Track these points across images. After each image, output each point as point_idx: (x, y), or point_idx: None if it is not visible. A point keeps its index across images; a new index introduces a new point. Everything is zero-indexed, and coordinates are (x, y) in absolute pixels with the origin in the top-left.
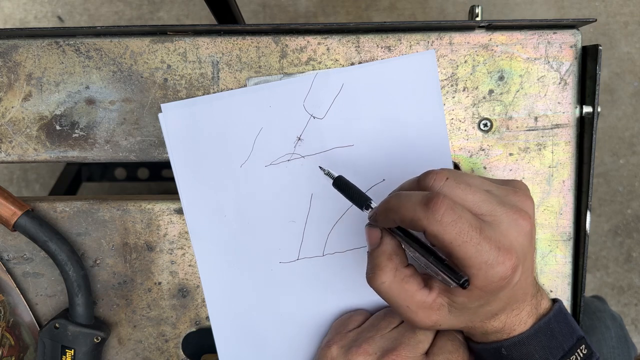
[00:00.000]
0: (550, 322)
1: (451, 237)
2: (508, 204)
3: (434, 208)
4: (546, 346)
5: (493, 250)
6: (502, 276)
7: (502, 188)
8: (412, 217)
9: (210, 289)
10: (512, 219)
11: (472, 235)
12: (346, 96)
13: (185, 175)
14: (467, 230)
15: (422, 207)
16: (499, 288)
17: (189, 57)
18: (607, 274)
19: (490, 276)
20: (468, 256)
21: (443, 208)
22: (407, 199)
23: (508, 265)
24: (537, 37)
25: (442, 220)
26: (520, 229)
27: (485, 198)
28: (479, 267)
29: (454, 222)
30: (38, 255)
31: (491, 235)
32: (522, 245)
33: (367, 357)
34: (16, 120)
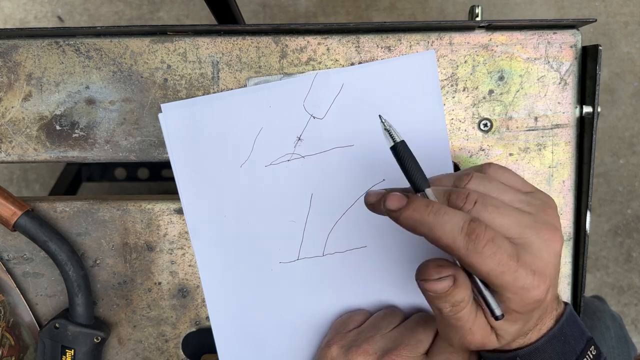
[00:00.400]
0: (564, 327)
1: (489, 268)
2: (539, 223)
3: (476, 240)
4: (560, 351)
5: (529, 276)
6: (538, 299)
7: (531, 204)
8: (450, 243)
9: (210, 289)
10: (543, 240)
11: (510, 265)
12: (346, 96)
13: (185, 175)
14: (505, 260)
15: (463, 237)
16: (534, 309)
17: (189, 57)
18: (607, 274)
19: (526, 299)
20: (505, 284)
21: (485, 240)
22: (447, 220)
23: (542, 289)
24: (537, 37)
25: (482, 252)
26: (551, 250)
27: (516, 221)
28: (515, 292)
29: (494, 254)
30: (38, 255)
31: (526, 260)
32: (553, 265)
33: (367, 357)
34: (16, 120)
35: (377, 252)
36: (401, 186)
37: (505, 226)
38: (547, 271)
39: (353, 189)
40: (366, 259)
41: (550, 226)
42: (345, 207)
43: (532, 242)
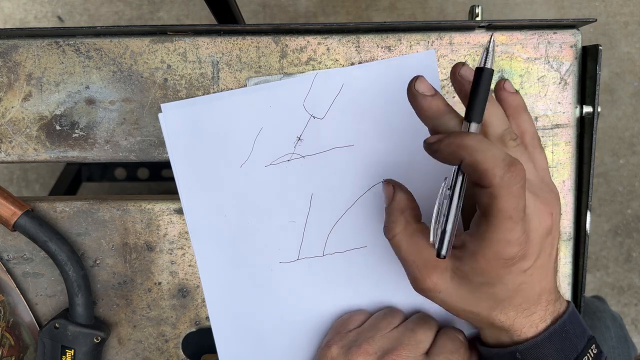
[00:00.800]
0: (565, 324)
1: (508, 206)
2: (540, 195)
3: (513, 174)
4: (561, 349)
5: (520, 233)
6: (512, 256)
7: (540, 182)
8: (489, 168)
9: (210, 289)
10: (537, 209)
11: (520, 217)
12: (346, 96)
13: (185, 175)
14: (520, 210)
15: (504, 167)
16: (503, 267)
17: (189, 57)
18: (607, 274)
19: (502, 252)
20: (503, 229)
21: (520, 179)
22: (490, 148)
23: (520, 249)
24: (537, 37)
25: (512, 190)
26: (542, 220)
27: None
28: (498, 241)
29: (519, 197)
30: (38, 255)
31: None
32: (539, 236)
33: (367, 357)
34: (16, 120)
35: (377, 252)
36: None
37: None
38: (531, 236)
39: (353, 189)
40: (366, 259)
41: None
42: (345, 207)
43: (529, 204)
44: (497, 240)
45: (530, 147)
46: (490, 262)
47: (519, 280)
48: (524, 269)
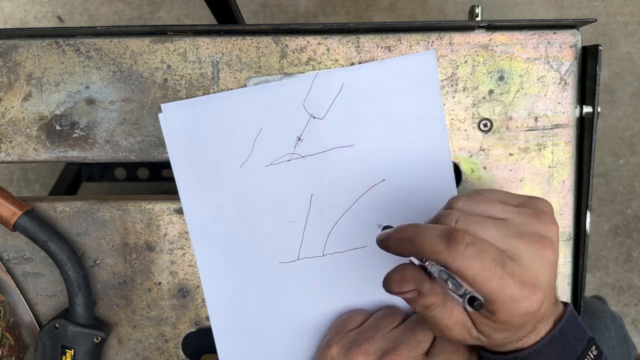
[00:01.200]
0: (564, 328)
1: (474, 271)
2: (527, 233)
3: (455, 242)
4: (561, 352)
5: (517, 285)
6: (527, 311)
7: (522, 213)
8: (432, 249)
9: (210, 289)
10: (532, 251)
11: (495, 270)
12: (346, 96)
13: (185, 175)
14: (489, 264)
15: (443, 241)
16: (524, 322)
17: (189, 57)
18: (607, 274)
19: (514, 311)
20: (492, 291)
21: (464, 242)
22: (427, 230)
23: (533, 301)
24: (537, 37)
25: (464, 254)
26: (544, 260)
27: (500, 233)
28: (503, 302)
29: (477, 256)
30: (38, 255)
31: (514, 269)
32: (546, 276)
33: (367, 357)
34: (16, 120)
35: (377, 252)
36: (401, 186)
37: (491, 239)
38: (539, 283)
39: (353, 189)
40: (366, 259)
41: (540, 236)
42: (345, 207)
43: (521, 253)
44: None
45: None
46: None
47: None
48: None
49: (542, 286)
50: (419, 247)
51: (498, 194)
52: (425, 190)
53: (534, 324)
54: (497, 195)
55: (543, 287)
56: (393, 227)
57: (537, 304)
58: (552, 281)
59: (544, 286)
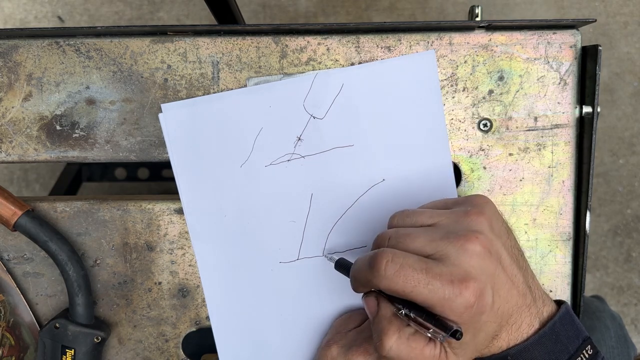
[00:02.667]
0: (555, 326)
1: (400, 286)
2: (453, 232)
3: (376, 265)
4: (551, 350)
5: (447, 285)
6: (466, 305)
7: (451, 214)
8: (365, 279)
9: (210, 289)
10: (458, 247)
11: (419, 278)
12: (346, 96)
13: (185, 175)
14: (411, 275)
15: (368, 268)
16: (473, 316)
17: (189, 57)
18: (606, 274)
19: (455, 309)
20: (424, 298)
21: (383, 262)
22: (359, 263)
23: (467, 294)
24: (537, 37)
25: (386, 275)
26: (470, 253)
27: (427, 238)
28: (441, 304)
29: (397, 272)
30: (38, 255)
31: (440, 271)
32: (480, 267)
33: (367, 357)
34: (16, 120)
35: None
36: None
37: (419, 247)
38: (470, 277)
39: (353, 189)
40: None
41: (466, 232)
42: (345, 207)
43: (447, 253)
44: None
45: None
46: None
47: (495, 310)
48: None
49: (475, 277)
50: (358, 280)
51: (433, 202)
52: (425, 190)
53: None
54: (430, 204)
55: (476, 278)
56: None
57: (473, 296)
58: (491, 271)
59: (479, 276)
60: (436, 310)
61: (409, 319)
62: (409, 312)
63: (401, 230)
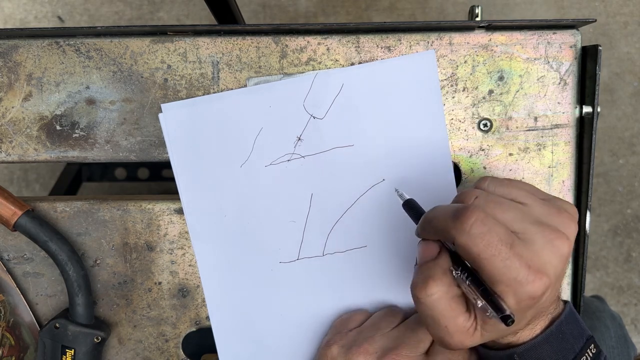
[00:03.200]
0: (562, 325)
1: (479, 249)
2: (545, 223)
3: (462, 219)
4: (557, 349)
5: (523, 268)
6: (532, 295)
7: (545, 205)
8: (443, 227)
9: (210, 289)
10: (547, 239)
11: (500, 250)
12: (346, 96)
13: (185, 175)
14: (495, 244)
15: (452, 218)
16: (527, 307)
17: (189, 57)
18: (606, 274)
19: (519, 294)
20: (496, 272)
21: (472, 219)
22: (441, 210)
23: (538, 285)
24: (537, 37)
25: (470, 232)
26: (556, 250)
27: (518, 216)
28: (507, 284)
29: (483, 234)
30: (38, 255)
31: (522, 252)
32: (555, 267)
33: (367, 357)
34: (16, 120)
35: (377, 252)
36: (401, 186)
37: (508, 220)
38: (546, 270)
39: (353, 189)
40: (366, 259)
41: (557, 229)
42: (345, 207)
43: (534, 239)
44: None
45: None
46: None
47: (538, 309)
48: (544, 301)
49: (549, 274)
50: (435, 225)
51: (527, 185)
52: (425, 190)
53: (533, 315)
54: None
55: (550, 275)
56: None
57: (542, 289)
58: (560, 274)
59: (551, 275)
60: (499, 288)
61: (464, 283)
62: (467, 277)
63: (492, 197)
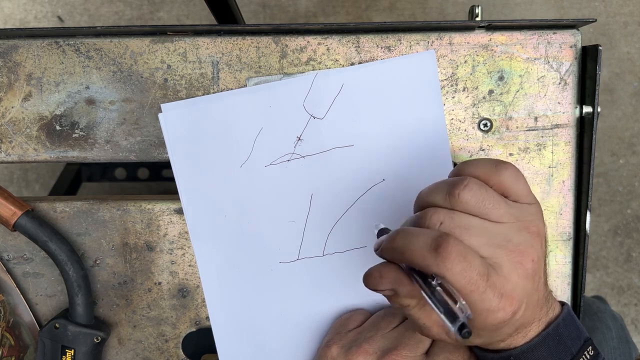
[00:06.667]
0: (559, 327)
1: (460, 285)
2: (512, 242)
3: (444, 254)
4: (554, 351)
5: (496, 298)
6: (501, 320)
7: (515, 223)
8: (421, 262)
9: (210, 289)
10: (513, 262)
11: (479, 285)
12: (346, 96)
13: (185, 175)
14: (475, 279)
15: (432, 253)
16: (498, 328)
17: (189, 57)
18: (607, 274)
19: (489, 321)
20: (472, 302)
21: (453, 255)
22: (415, 240)
23: (508, 311)
24: (537, 37)
25: (453, 270)
26: (522, 272)
27: (485, 240)
28: (479, 313)
29: (464, 271)
30: (38, 255)
31: (495, 281)
32: (523, 287)
33: (367, 357)
34: (16, 120)
35: None
36: (401, 186)
37: (477, 246)
38: (515, 294)
39: (353, 189)
40: (366, 259)
41: (523, 248)
42: (345, 207)
43: (502, 263)
44: (478, 313)
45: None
46: (483, 329)
47: (517, 324)
48: (517, 319)
49: (518, 297)
50: (407, 258)
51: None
52: None
53: (513, 329)
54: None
55: (519, 298)
56: (389, 230)
57: (511, 314)
58: (529, 291)
59: (520, 297)
60: (472, 315)
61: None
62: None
63: (457, 218)
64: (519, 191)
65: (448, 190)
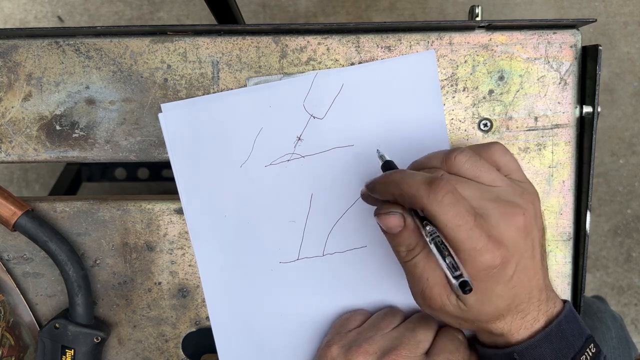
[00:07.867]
0: (562, 323)
1: (447, 218)
2: (503, 200)
3: (436, 188)
4: (557, 348)
5: (483, 237)
6: (490, 265)
7: (508, 186)
8: (414, 193)
9: (210, 289)
10: (501, 213)
11: (467, 220)
12: (346, 96)
13: (185, 175)
14: (463, 214)
15: (425, 186)
16: (489, 279)
17: (189, 57)
18: (607, 274)
19: (478, 263)
20: (460, 240)
21: (445, 190)
22: (411, 176)
23: (496, 255)
24: (537, 37)
25: (442, 201)
26: (510, 223)
27: (477, 194)
28: (468, 253)
29: (453, 204)
30: (38, 255)
31: (482, 224)
32: (513, 239)
33: (367, 357)
34: (16, 120)
35: (377, 252)
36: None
37: (467, 196)
38: (503, 241)
39: (353, 189)
40: (366, 259)
41: (513, 204)
42: (345, 207)
43: (490, 213)
44: (467, 253)
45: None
46: (474, 275)
47: (510, 287)
48: (509, 275)
49: (507, 245)
50: (402, 189)
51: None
52: None
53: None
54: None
55: (507, 246)
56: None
57: (499, 259)
58: (521, 248)
59: (509, 246)
60: (459, 256)
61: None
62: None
63: (455, 178)
64: (508, 163)
65: (445, 154)
